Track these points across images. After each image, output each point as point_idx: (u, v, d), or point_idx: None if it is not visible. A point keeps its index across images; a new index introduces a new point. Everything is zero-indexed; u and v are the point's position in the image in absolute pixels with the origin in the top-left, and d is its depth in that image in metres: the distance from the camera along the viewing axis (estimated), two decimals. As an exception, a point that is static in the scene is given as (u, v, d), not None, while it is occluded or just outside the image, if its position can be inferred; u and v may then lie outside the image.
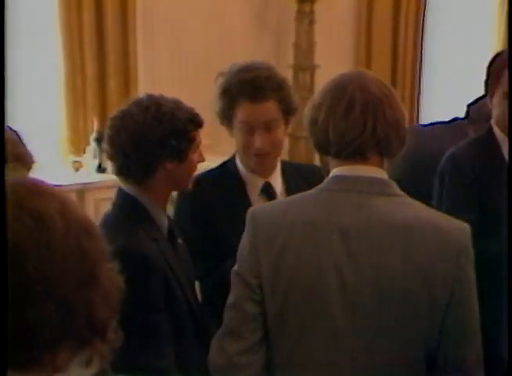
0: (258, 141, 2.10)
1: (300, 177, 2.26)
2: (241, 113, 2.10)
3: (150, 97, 1.93)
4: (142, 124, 1.86)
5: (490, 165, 2.14)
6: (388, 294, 1.51)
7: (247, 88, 2.08)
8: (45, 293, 0.92)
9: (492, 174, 2.12)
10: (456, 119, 2.64)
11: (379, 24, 5.36)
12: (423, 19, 5.54)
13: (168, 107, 1.89)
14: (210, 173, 2.28)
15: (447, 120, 2.69)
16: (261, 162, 2.17)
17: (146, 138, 1.86)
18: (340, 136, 1.57)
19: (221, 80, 2.14)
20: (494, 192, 2.08)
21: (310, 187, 1.65)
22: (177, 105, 1.92)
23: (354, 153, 1.57)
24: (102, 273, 0.99)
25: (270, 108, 2.10)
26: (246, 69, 2.13)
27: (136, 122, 1.86)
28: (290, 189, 2.18)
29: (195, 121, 1.93)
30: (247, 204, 2.10)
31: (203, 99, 2.17)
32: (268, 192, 2.22)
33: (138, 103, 1.90)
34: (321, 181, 1.64)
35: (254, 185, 2.22)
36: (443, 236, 1.54)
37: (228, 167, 2.27)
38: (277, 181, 2.25)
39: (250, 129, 2.11)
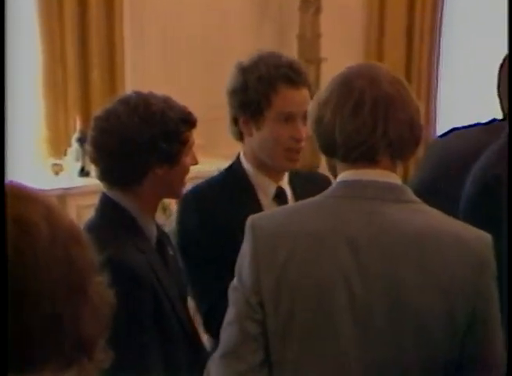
0: (301, 131, 2.09)
1: (305, 183, 2.25)
2: (280, 100, 2.09)
3: (138, 95, 1.93)
4: (130, 126, 1.86)
5: None
6: (401, 307, 1.52)
7: (286, 71, 2.09)
8: (29, 305, 0.93)
9: None
10: (494, 120, 2.66)
11: (392, 13, 5.36)
12: (442, 9, 5.54)
13: (158, 106, 1.89)
14: (214, 180, 2.27)
15: (485, 121, 2.72)
16: (296, 158, 2.16)
17: (134, 140, 1.86)
18: (347, 138, 1.56)
19: (246, 70, 2.12)
20: None
21: (316, 194, 1.65)
22: (168, 103, 1.92)
23: (363, 156, 1.57)
24: (91, 286, 1.00)
25: (307, 96, 2.10)
26: (274, 55, 2.14)
27: (123, 123, 1.86)
28: (297, 196, 2.18)
29: (188, 121, 1.94)
30: (260, 210, 2.09)
31: (196, 97, 2.17)
32: (280, 198, 2.21)
33: (125, 102, 1.91)
34: (327, 188, 1.64)
35: (266, 189, 2.21)
36: (463, 247, 1.54)
37: (234, 170, 2.25)
38: (287, 186, 2.25)
39: (288, 118, 2.10)
